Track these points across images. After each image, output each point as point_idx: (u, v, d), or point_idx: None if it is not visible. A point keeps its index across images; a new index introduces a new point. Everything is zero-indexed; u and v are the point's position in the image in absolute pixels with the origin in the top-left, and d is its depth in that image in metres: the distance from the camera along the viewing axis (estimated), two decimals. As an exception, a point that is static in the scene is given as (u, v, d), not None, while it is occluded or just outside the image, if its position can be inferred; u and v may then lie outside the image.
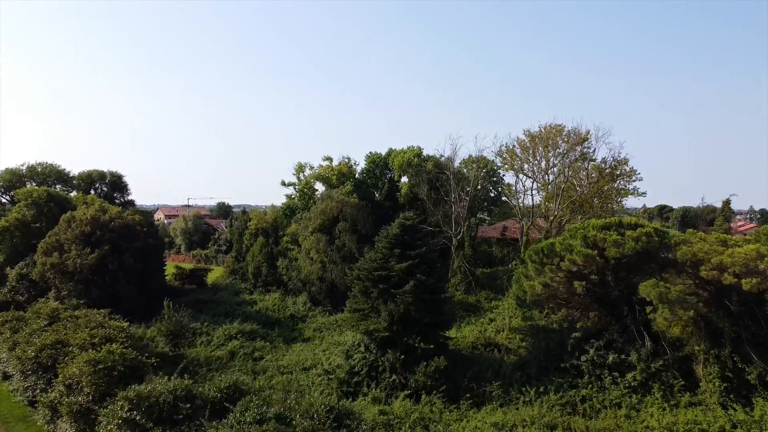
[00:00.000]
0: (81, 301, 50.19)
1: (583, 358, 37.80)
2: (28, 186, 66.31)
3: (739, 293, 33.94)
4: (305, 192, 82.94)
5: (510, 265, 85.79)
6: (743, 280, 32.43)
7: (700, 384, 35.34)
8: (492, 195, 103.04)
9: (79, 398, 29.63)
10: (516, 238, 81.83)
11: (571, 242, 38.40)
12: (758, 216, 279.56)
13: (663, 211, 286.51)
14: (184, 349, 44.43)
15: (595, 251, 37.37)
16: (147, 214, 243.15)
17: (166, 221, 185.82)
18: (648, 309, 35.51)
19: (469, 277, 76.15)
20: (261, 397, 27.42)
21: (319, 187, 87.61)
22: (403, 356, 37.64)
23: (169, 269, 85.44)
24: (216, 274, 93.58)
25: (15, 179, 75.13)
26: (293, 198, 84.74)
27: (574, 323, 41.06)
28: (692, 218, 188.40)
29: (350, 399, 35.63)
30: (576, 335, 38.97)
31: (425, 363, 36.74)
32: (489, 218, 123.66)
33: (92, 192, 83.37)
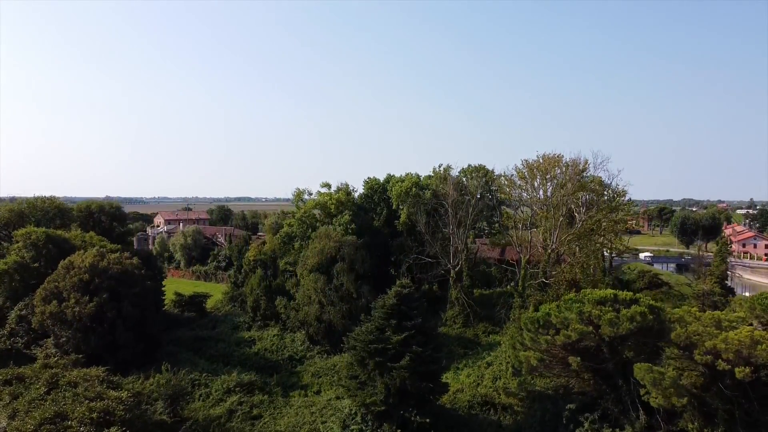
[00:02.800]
0: (80, 356, 50.41)
1: (578, 431, 38.12)
2: (28, 226, 66.17)
3: (733, 376, 34.10)
4: (304, 221, 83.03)
5: (508, 287, 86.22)
6: (736, 369, 32.68)
7: (694, 462, 35.68)
8: (491, 204, 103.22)
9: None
10: (514, 262, 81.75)
11: (567, 315, 38.56)
12: (758, 216, 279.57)
13: (663, 213, 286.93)
14: (182, 411, 44.71)
15: (591, 327, 37.56)
16: (147, 218, 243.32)
17: (165, 229, 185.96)
18: (642, 391, 35.83)
19: (466, 309, 76.52)
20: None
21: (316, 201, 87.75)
22: (399, 431, 37.93)
23: (169, 294, 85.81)
24: (215, 297, 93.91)
25: (14, 217, 75.28)
26: (292, 226, 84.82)
27: (570, 391, 41.37)
28: (692, 226, 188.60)
29: (347, 478, 36.01)
30: (571, 406, 39.30)
31: (421, 439, 37.07)
32: (488, 228, 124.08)
33: (91, 222, 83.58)
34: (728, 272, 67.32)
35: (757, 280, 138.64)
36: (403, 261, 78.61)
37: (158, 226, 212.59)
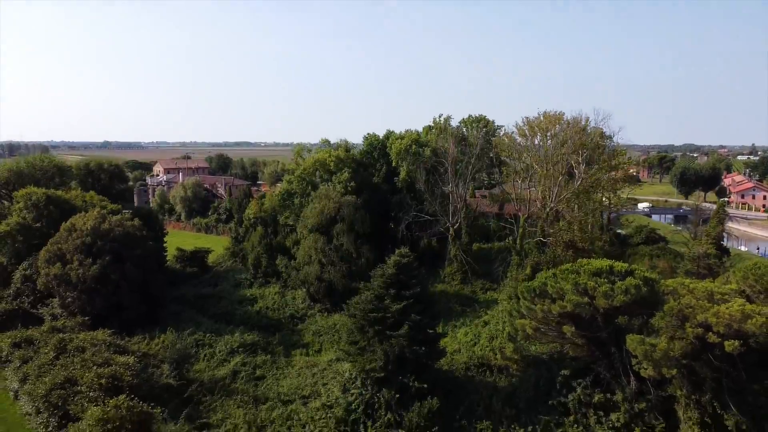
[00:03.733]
0: (86, 319, 51.59)
1: (570, 396, 39.49)
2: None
3: (723, 348, 35.01)
4: (304, 178, 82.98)
5: (507, 241, 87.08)
6: (726, 342, 33.61)
7: (680, 427, 37.18)
8: (491, 156, 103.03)
9: (91, 459, 31.31)
10: (512, 219, 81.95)
11: (563, 285, 39.27)
12: (759, 164, 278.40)
13: (663, 161, 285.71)
14: (188, 373, 46.10)
15: (586, 298, 38.33)
16: (146, 167, 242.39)
17: (164, 178, 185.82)
18: (634, 361, 36.96)
19: (465, 266, 77.55)
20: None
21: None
22: (398, 395, 39.27)
23: (170, 249, 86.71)
24: (217, 251, 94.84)
25: (14, 176, 75.09)
26: (291, 183, 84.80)
27: (564, 356, 42.60)
28: (691, 176, 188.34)
29: (347, 442, 37.57)
30: (564, 372, 40.53)
31: (419, 403, 38.43)
32: (488, 179, 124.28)
33: (90, 179, 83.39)
34: (724, 233, 67.85)
35: (754, 233, 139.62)
36: (402, 219, 79.03)
37: (157, 175, 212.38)
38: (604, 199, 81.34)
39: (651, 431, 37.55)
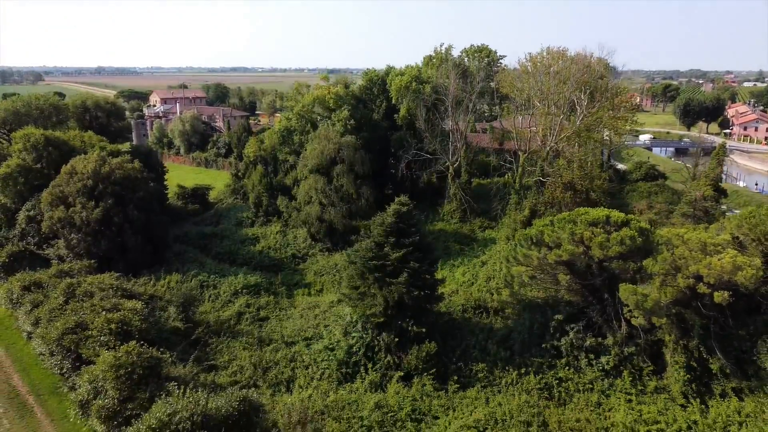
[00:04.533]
0: (92, 262, 52.69)
1: (563, 340, 41.03)
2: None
3: (713, 298, 36.08)
4: (303, 115, 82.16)
5: (506, 176, 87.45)
6: (715, 293, 34.71)
7: (667, 369, 38.91)
8: (493, 86, 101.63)
9: (106, 401, 32.99)
10: (513, 152, 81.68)
11: (560, 235, 39.99)
12: (765, 92, 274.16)
13: (667, 90, 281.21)
14: (194, 315, 47.61)
15: (582, 248, 39.15)
16: (142, 96, 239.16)
17: (161, 109, 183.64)
18: (625, 309, 38.25)
19: (464, 205, 78.24)
20: (269, 420, 30.99)
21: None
22: (397, 339, 40.82)
23: (171, 185, 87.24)
24: (217, 187, 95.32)
25: (10, 116, 74.11)
26: (290, 120, 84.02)
27: (558, 301, 43.92)
28: (694, 108, 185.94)
29: (349, 383, 39.39)
30: (558, 317, 41.89)
31: (417, 347, 40.02)
32: (489, 112, 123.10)
33: (87, 117, 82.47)
34: (723, 174, 68.09)
35: (754, 167, 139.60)
36: (402, 157, 78.97)
37: (154, 106, 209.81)
38: (605, 137, 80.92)
39: (639, 373, 39.27)
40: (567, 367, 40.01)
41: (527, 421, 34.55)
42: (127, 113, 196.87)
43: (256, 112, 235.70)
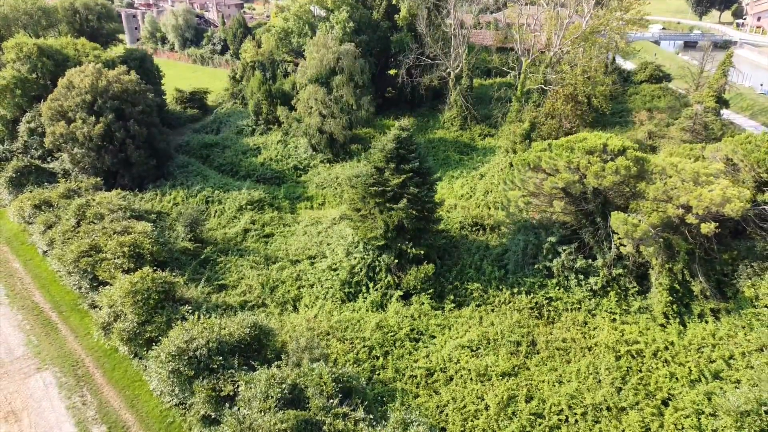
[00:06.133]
0: (98, 179, 53.72)
1: (555, 261, 43.07)
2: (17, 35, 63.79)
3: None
4: (300, 16, 79.37)
5: (508, 77, 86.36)
6: (702, 224, 36.23)
7: (651, 290, 41.27)
8: None
9: (126, 324, 35.55)
10: (515, 52, 79.78)
11: (557, 162, 40.75)
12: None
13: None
14: (201, 234, 49.41)
15: (578, 176, 40.05)
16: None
17: (155, 12, 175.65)
18: (615, 237, 39.90)
19: (464, 112, 77.86)
20: (279, 341, 33.59)
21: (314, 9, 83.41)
22: (396, 260, 42.90)
23: (169, 89, 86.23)
24: (215, 89, 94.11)
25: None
26: (288, 21, 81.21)
27: (552, 223, 45.48)
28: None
29: (351, 302, 41.93)
30: (551, 239, 43.67)
31: (416, 268, 42.18)
32: (494, 2, 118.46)
33: (78, 20, 79.33)
34: (725, 87, 67.11)
35: (763, 62, 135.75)
36: (402, 62, 77.38)
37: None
38: (612, 41, 78.50)
39: (624, 293, 41.67)
40: (557, 287, 42.29)
41: (517, 341, 37.32)
42: (118, 8, 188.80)
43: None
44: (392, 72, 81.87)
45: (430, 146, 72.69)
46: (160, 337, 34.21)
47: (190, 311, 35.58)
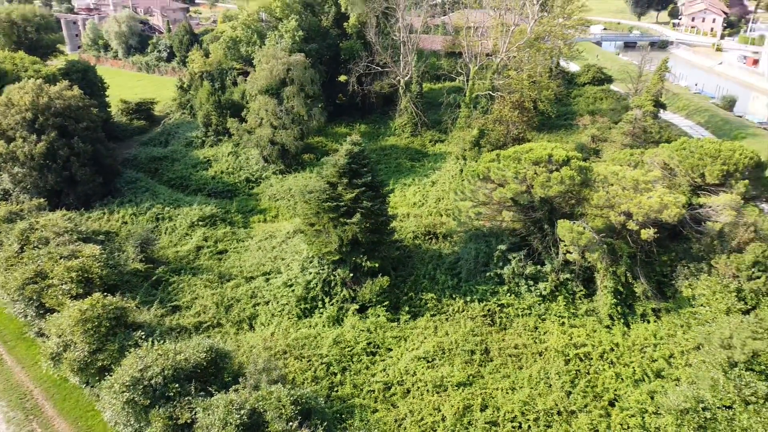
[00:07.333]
0: (41, 201, 52.10)
1: (506, 268, 44.30)
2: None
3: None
4: (249, 25, 78.73)
5: (457, 81, 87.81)
6: (642, 231, 37.96)
7: (597, 293, 42.97)
8: None
9: (77, 354, 34.75)
10: (462, 59, 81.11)
11: (505, 174, 41.93)
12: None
13: None
14: (153, 254, 48.62)
15: (525, 186, 41.36)
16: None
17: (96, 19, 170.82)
18: (562, 244, 41.40)
19: (415, 118, 78.78)
20: (236, 363, 33.50)
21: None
22: (352, 274, 43.32)
23: (114, 100, 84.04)
24: (162, 98, 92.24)
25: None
26: (236, 29, 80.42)
27: (502, 231, 46.73)
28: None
29: (308, 318, 42.10)
30: (501, 247, 44.88)
31: (371, 281, 42.68)
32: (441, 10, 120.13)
33: (16, 31, 76.30)
34: (662, 91, 70.12)
35: (697, 61, 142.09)
36: (353, 70, 77.72)
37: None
38: (558, 45, 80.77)
39: (572, 297, 43.27)
40: (509, 294, 43.53)
41: (471, 350, 38.26)
42: (54, 4, 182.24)
43: (196, 2, 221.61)
44: (343, 78, 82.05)
45: (382, 154, 73.34)
46: (112, 366, 33.56)
47: (144, 337, 35.00)
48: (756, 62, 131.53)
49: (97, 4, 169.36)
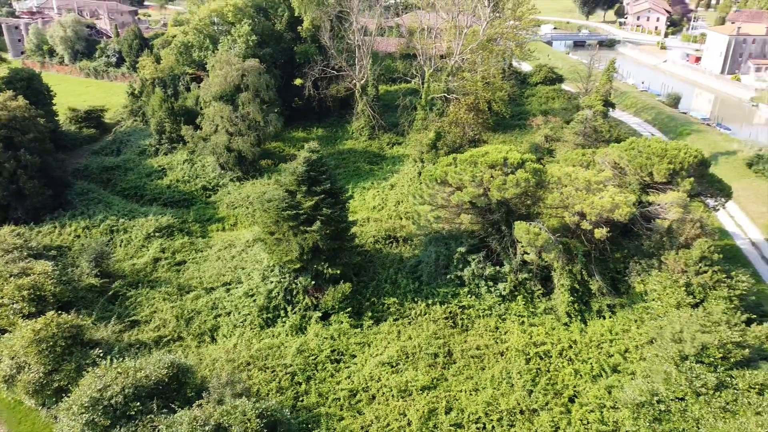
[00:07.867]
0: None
1: (466, 270, 44.98)
2: None
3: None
4: (200, 30, 77.43)
5: (413, 82, 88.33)
6: (596, 230, 39.14)
7: (555, 292, 44.09)
8: None
9: (31, 376, 33.77)
10: (417, 61, 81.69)
11: (462, 177, 42.51)
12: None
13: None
14: (108, 267, 47.45)
15: (482, 189, 42.07)
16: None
17: (34, 2, 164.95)
18: (519, 245, 42.34)
19: (372, 121, 79.00)
20: (198, 378, 33.08)
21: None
22: (313, 282, 43.28)
23: (61, 109, 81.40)
24: (112, 105, 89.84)
25: None
26: (187, 34, 78.98)
27: (461, 234, 47.41)
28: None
29: (271, 327, 41.83)
30: (461, 250, 45.55)
31: (333, 288, 42.73)
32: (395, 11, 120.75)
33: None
34: (611, 90, 72.27)
35: (642, 59, 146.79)
36: (308, 74, 77.40)
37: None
38: (510, 46, 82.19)
39: (531, 296, 44.29)
40: (469, 295, 44.23)
41: (434, 353, 38.74)
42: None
43: (145, 3, 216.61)
44: (299, 82, 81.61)
45: (340, 158, 73.33)
46: (70, 386, 32.77)
47: (102, 354, 34.28)
48: (698, 60, 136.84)
49: (41, 8, 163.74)
